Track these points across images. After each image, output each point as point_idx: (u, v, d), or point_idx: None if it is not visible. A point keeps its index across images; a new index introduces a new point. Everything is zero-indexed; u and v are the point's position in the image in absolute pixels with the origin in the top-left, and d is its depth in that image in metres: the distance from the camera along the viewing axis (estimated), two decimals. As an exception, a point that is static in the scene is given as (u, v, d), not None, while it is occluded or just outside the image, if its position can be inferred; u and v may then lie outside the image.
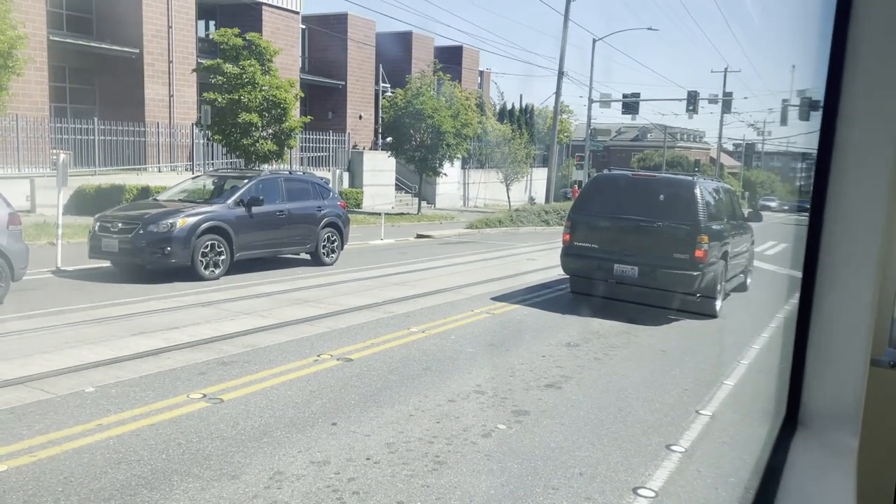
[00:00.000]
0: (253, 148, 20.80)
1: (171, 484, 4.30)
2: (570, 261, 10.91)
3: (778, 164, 71.14)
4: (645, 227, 10.24)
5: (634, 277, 10.13)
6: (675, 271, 9.89)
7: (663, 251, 9.99)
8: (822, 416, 1.41)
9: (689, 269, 9.80)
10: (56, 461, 4.54)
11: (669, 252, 9.93)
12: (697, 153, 71.85)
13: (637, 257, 10.11)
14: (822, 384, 1.40)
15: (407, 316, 9.51)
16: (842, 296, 1.34)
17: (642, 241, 10.19)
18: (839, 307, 1.35)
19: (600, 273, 10.48)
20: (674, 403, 6.45)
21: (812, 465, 1.34)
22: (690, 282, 9.87)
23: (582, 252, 10.64)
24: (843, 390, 1.37)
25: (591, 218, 10.75)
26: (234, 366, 6.84)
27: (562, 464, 4.89)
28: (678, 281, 9.94)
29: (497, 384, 6.65)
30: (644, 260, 10.09)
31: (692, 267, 9.79)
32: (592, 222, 10.72)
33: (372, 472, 4.60)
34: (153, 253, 11.36)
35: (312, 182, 14.72)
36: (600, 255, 10.41)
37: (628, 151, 67.75)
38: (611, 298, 10.60)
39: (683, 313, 10.33)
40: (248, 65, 20.31)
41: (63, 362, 6.65)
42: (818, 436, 1.41)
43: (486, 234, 23.71)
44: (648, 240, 10.16)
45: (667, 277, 10.00)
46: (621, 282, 10.32)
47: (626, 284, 10.30)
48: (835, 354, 1.38)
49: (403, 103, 27.47)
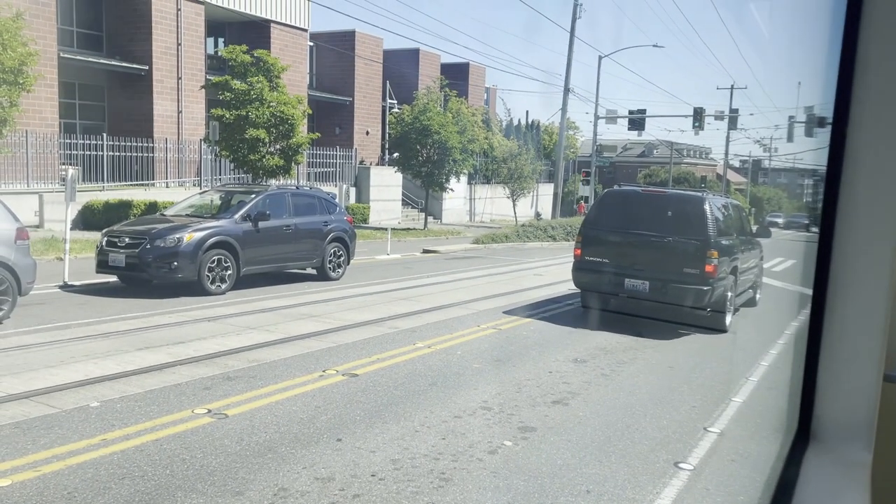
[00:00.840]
0: (260, 163, 20.90)
1: (174, 500, 4.27)
2: (581, 275, 11.00)
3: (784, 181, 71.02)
4: (655, 242, 10.33)
5: (645, 292, 10.21)
6: (685, 286, 9.95)
7: (674, 266, 10.06)
8: (834, 431, 1.39)
9: (699, 283, 9.87)
10: (60, 476, 4.51)
11: (680, 267, 10.00)
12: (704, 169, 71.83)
13: (647, 272, 10.19)
14: (835, 398, 1.38)
15: (413, 331, 9.48)
16: (854, 310, 1.33)
17: (653, 255, 10.27)
18: (851, 321, 1.33)
19: (611, 287, 10.57)
20: (682, 420, 6.39)
21: (825, 480, 1.32)
22: (701, 296, 9.93)
23: (593, 266, 10.71)
24: (855, 405, 1.35)
25: (602, 233, 10.86)
26: (240, 381, 6.82)
27: (569, 481, 4.84)
28: (688, 295, 10.00)
29: (503, 400, 6.61)
30: (654, 275, 10.16)
31: (702, 282, 9.85)
32: (603, 237, 10.82)
33: (377, 488, 4.56)
34: (160, 268, 11.38)
35: (319, 197, 14.75)
36: (611, 269, 10.49)
37: (634, 167, 67.78)
38: (621, 313, 10.65)
39: (693, 328, 10.35)
40: (256, 81, 20.46)
41: (68, 377, 6.64)
42: (831, 450, 1.39)
43: (492, 249, 23.69)
44: (659, 255, 10.24)
45: (677, 292, 10.05)
46: (632, 296, 10.40)
47: (637, 299, 10.35)
48: (847, 369, 1.36)
49: (410, 119, 27.59)
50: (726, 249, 10.40)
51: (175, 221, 12.32)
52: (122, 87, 26.01)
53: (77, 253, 14.58)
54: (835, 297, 1.33)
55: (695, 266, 9.89)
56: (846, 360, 1.35)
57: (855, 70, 1.31)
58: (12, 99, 14.93)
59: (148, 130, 25.31)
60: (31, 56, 15.03)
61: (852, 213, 1.31)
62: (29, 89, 15.44)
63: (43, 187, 20.63)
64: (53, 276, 12.06)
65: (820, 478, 1.32)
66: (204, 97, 26.57)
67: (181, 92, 26.46)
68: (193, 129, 26.71)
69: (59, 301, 10.66)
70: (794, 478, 1.32)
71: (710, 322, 10.32)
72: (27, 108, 18.92)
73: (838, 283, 1.33)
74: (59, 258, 13.27)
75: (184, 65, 26.50)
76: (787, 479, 1.34)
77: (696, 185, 47.57)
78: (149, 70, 25.56)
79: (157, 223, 12.33)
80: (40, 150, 21.43)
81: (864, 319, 1.32)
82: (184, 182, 25.44)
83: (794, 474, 1.33)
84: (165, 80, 26.07)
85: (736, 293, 10.98)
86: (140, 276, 11.64)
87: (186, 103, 26.67)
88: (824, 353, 1.37)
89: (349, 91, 35.40)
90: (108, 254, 11.65)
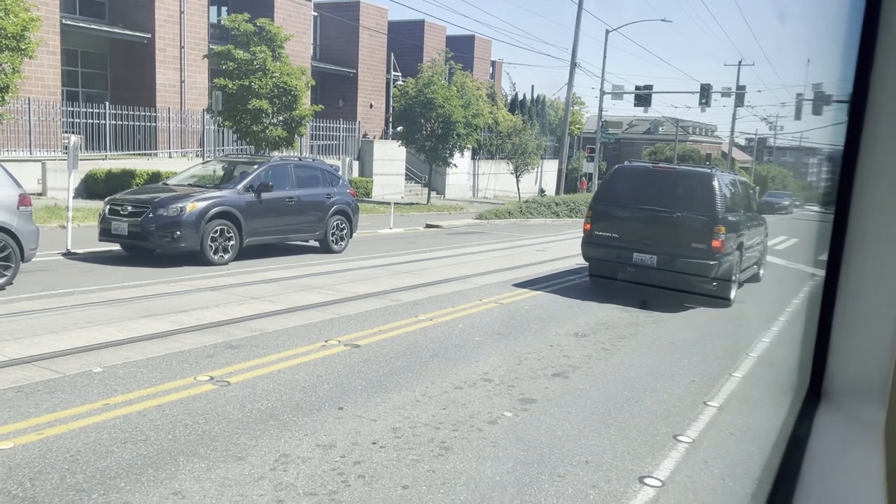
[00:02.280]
0: (263, 135, 20.80)
1: (176, 464, 4.30)
2: (591, 249, 11.16)
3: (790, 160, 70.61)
4: (664, 217, 10.49)
5: (653, 266, 10.39)
6: (692, 260, 10.16)
7: (681, 240, 10.25)
8: (847, 390, 1.39)
9: (706, 258, 10.08)
10: (62, 439, 4.55)
11: (687, 241, 10.20)
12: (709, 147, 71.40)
13: (656, 246, 10.37)
14: (849, 357, 1.37)
15: (415, 304, 9.50)
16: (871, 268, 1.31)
17: (661, 230, 10.44)
18: (868, 279, 1.32)
19: (620, 261, 10.77)
20: (682, 394, 6.41)
21: (837, 437, 1.31)
22: (707, 270, 10.15)
23: (602, 241, 10.91)
24: (869, 363, 1.35)
25: (612, 208, 11.02)
26: (242, 349, 6.85)
27: (568, 452, 4.87)
28: (695, 269, 10.21)
29: (504, 372, 6.63)
30: (662, 249, 10.35)
31: (709, 256, 10.07)
32: (613, 212, 10.98)
33: (377, 456, 4.59)
34: (162, 237, 11.38)
35: (322, 169, 14.70)
36: (620, 243, 10.70)
37: (639, 144, 67.41)
38: (631, 282, 10.83)
39: (698, 302, 10.52)
40: (259, 51, 20.29)
41: (71, 342, 6.67)
42: (843, 409, 1.38)
43: (495, 224, 23.66)
44: (667, 229, 10.41)
45: (684, 266, 10.25)
46: (640, 270, 10.58)
47: (645, 272, 10.55)
48: (862, 327, 1.35)
49: (414, 92, 27.39)
50: (733, 225, 10.55)
51: (178, 191, 12.29)
52: (124, 56, 25.81)
53: (80, 221, 14.58)
54: (851, 252, 1.32)
55: (702, 241, 10.07)
56: (861, 318, 1.35)
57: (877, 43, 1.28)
58: (14, 65, 14.80)
59: (151, 100, 25.17)
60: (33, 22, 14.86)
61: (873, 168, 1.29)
62: (31, 56, 15.28)
63: (46, 155, 20.57)
64: (56, 244, 12.07)
65: (831, 435, 1.32)
66: (207, 67, 26.37)
67: (184, 61, 26.26)
68: (196, 99, 26.55)
69: (61, 268, 10.68)
70: (806, 435, 1.32)
71: (715, 295, 10.48)
72: (30, 75, 18.79)
73: (855, 241, 1.32)
74: (62, 226, 13.27)
75: (186, 33, 26.26)
76: (797, 435, 1.34)
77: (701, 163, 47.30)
78: (151, 38, 25.34)
79: (159, 192, 12.30)
80: (43, 118, 21.33)
81: (881, 277, 1.31)
82: (186, 152, 25.34)
83: (806, 431, 1.33)
84: (168, 48, 25.86)
85: (741, 268, 11.17)
86: (143, 244, 11.65)
87: (189, 73, 26.48)
88: (839, 311, 1.36)
89: (353, 63, 35.09)
90: (111, 222, 11.65)
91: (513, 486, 4.32)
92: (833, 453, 1.27)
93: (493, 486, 4.30)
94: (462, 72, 30.03)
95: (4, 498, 3.77)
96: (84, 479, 4.03)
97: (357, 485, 4.17)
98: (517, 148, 34.98)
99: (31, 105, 20.64)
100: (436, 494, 4.11)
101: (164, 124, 24.94)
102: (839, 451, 1.28)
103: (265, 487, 4.07)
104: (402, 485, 4.20)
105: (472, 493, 4.16)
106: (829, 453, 1.27)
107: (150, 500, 3.85)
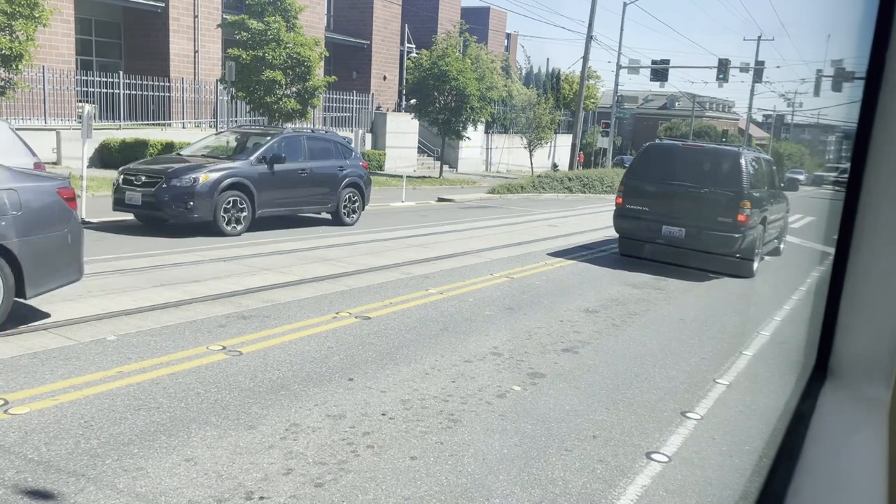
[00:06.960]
0: (276, 106, 20.73)
1: (189, 431, 4.36)
2: (622, 221, 11.79)
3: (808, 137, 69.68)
4: (692, 192, 11.11)
5: (681, 238, 11.01)
6: (718, 233, 10.74)
7: (708, 214, 10.82)
8: (853, 368, 1.38)
9: (731, 231, 10.68)
10: (77, 405, 4.62)
11: (714, 216, 10.77)
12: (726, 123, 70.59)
13: (684, 220, 10.98)
14: (855, 335, 1.36)
15: (426, 277, 9.52)
16: (880, 246, 1.30)
17: (689, 205, 11.04)
18: (876, 257, 1.31)
19: (649, 233, 11.39)
20: (691, 371, 6.41)
21: (842, 414, 1.31)
22: (732, 243, 10.71)
23: (633, 214, 11.54)
24: (876, 342, 1.34)
25: (643, 183, 11.62)
26: (254, 320, 6.91)
27: (576, 426, 4.89)
28: (721, 242, 10.78)
29: (513, 346, 6.66)
30: (690, 222, 10.93)
31: (734, 230, 10.65)
32: (643, 187, 11.59)
33: (387, 427, 4.63)
34: (176, 207, 11.43)
35: (335, 141, 14.67)
36: (650, 216, 11.31)
37: (655, 120, 66.71)
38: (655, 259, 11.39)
39: (721, 273, 11.04)
40: (273, 21, 20.14)
41: (85, 310, 6.75)
42: (848, 386, 1.38)
43: (507, 199, 23.58)
44: (695, 204, 11.01)
45: (710, 238, 10.81)
46: (668, 242, 11.14)
47: (673, 245, 11.13)
48: (870, 306, 1.34)
49: (428, 64, 27.13)
50: (757, 201, 11.06)
51: (191, 161, 12.32)
52: (138, 25, 25.71)
53: (94, 191, 14.66)
54: (861, 230, 1.31)
55: (728, 215, 10.65)
56: (870, 296, 1.34)
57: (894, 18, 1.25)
58: (28, 33, 14.80)
59: (164, 70, 25.11)
60: (46, -11, 14.84)
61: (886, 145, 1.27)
62: (45, 24, 15.28)
63: (60, 124, 20.63)
64: (71, 213, 12.14)
65: (836, 412, 1.32)
66: (220, 37, 26.23)
67: (198, 31, 26.13)
68: (210, 70, 26.46)
69: (76, 237, 10.75)
70: (810, 411, 1.32)
71: (738, 268, 11.05)
72: (44, 43, 18.78)
73: (866, 220, 1.30)
74: (77, 195, 13.34)
75: (200, 2, 26.08)
76: (802, 411, 1.34)
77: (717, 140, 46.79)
78: (165, 7, 25.21)
79: (173, 163, 12.33)
80: (57, 87, 21.35)
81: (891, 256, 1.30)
82: (200, 123, 25.34)
83: (810, 408, 1.33)
84: (182, 17, 25.73)
85: (763, 242, 11.72)
86: (156, 214, 11.71)
87: (203, 42, 26.37)
88: (847, 289, 1.35)
89: (367, 34, 34.79)
90: (125, 192, 11.71)
91: (520, 458, 4.36)
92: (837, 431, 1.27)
93: (500, 458, 4.34)
94: (477, 44, 29.68)
95: (21, 462, 3.85)
96: (98, 445, 4.10)
97: (366, 455, 4.22)
98: (531, 122, 34.70)
99: (46, 74, 20.65)
100: (444, 466, 4.16)
101: (177, 94, 24.90)
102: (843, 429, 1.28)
103: (275, 456, 4.12)
104: (410, 456, 4.25)
105: (479, 465, 4.20)
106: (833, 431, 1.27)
107: (162, 466, 3.91)
